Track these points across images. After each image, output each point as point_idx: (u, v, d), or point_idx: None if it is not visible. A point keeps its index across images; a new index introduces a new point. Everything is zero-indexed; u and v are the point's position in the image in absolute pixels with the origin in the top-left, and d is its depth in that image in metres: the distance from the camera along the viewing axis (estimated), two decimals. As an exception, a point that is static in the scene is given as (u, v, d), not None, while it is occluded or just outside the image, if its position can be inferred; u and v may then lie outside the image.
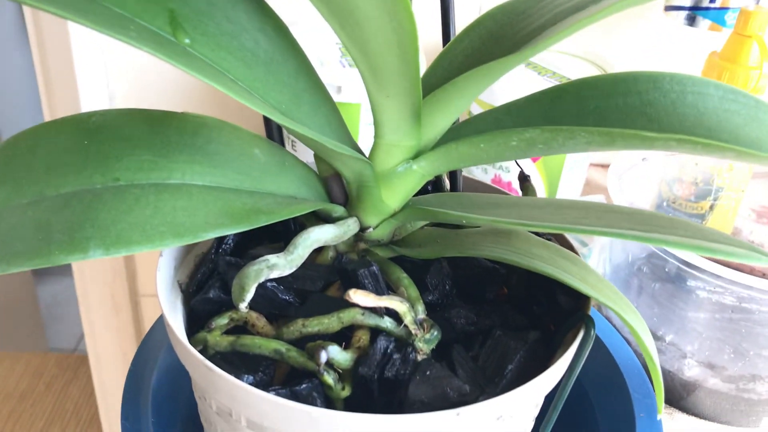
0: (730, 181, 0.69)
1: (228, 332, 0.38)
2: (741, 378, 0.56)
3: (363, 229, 0.40)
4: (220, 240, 0.41)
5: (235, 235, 0.41)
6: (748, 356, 0.56)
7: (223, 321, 0.38)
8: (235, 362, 0.36)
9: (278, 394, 0.34)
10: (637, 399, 0.47)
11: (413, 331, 0.35)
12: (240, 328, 0.38)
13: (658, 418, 0.38)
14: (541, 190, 0.75)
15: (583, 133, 0.34)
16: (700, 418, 0.59)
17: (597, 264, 0.71)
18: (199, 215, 0.34)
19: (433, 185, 0.47)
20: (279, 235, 0.44)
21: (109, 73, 0.91)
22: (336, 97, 0.68)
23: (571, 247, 0.42)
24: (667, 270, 0.59)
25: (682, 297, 0.58)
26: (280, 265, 0.36)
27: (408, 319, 0.35)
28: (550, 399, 0.38)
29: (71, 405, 1.66)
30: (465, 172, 0.81)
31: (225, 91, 0.31)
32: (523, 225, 0.35)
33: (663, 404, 0.37)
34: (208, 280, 0.39)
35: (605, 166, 0.92)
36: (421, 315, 0.37)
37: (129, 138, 0.36)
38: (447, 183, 0.47)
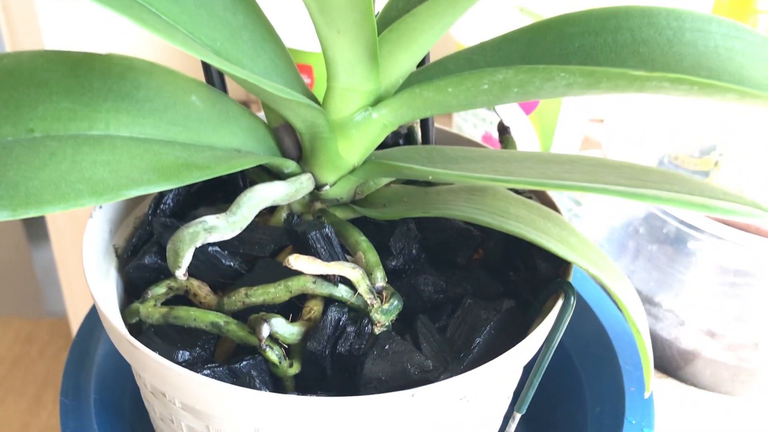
0: (736, 135, 0.64)
1: (168, 302, 0.34)
2: (742, 346, 0.52)
3: (319, 186, 0.35)
4: (159, 199, 0.36)
5: (178, 194, 0.37)
6: (749, 323, 0.52)
7: (160, 290, 0.34)
8: (172, 337, 0.32)
9: (213, 374, 0.30)
10: (628, 371, 0.43)
11: (369, 301, 0.31)
12: (183, 299, 0.34)
13: (646, 396, 0.34)
14: (535, 147, 0.70)
15: (563, 73, 0.29)
16: (699, 388, 0.55)
17: (591, 225, 0.66)
18: (122, 170, 0.30)
19: (405, 138, 0.42)
20: (232, 196, 0.40)
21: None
22: (314, 44, 0.63)
23: (553, 206, 0.38)
24: (665, 231, 0.54)
25: (681, 260, 0.54)
26: (220, 227, 0.32)
27: (362, 288, 0.31)
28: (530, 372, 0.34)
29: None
30: (455, 129, 0.77)
31: (141, 26, 0.27)
32: (495, 180, 0.31)
33: (651, 381, 0.33)
34: (144, 244, 0.35)
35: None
36: (381, 283, 0.32)
37: (45, 83, 0.31)
38: (419, 135, 0.42)
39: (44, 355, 1.65)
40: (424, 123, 0.40)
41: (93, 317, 0.44)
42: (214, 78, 0.35)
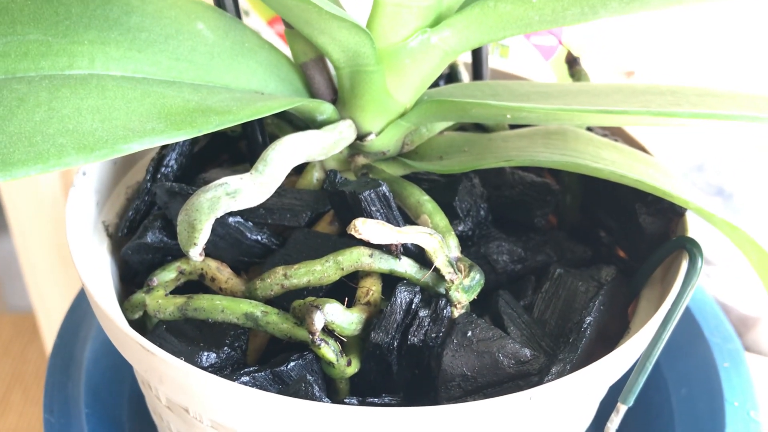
0: None
1: (178, 291, 0.27)
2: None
3: (361, 136, 0.28)
4: (159, 161, 0.29)
5: (180, 154, 0.30)
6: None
7: (169, 275, 0.27)
8: (190, 334, 0.25)
9: (253, 381, 0.23)
10: (717, 345, 0.36)
11: (448, 277, 0.24)
12: (195, 285, 0.27)
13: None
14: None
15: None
16: (764, 355, 0.50)
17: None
18: (116, 119, 0.22)
19: (447, 80, 0.35)
20: (242, 156, 0.33)
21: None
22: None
23: (644, 150, 0.31)
24: (721, 184, 0.48)
25: (738, 214, 0.48)
26: (246, 190, 0.25)
27: (440, 260, 0.24)
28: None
29: (32, 368, 1.55)
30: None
31: None
32: (605, 113, 0.24)
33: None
34: (143, 218, 0.28)
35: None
36: (455, 252, 0.26)
37: (6, 9, 0.24)
38: (465, 76, 0.35)
39: (9, 353, 1.56)
40: (477, 57, 0.33)
41: (75, 314, 0.37)
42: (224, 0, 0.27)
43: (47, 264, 0.93)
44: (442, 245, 0.24)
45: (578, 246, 0.29)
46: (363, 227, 0.21)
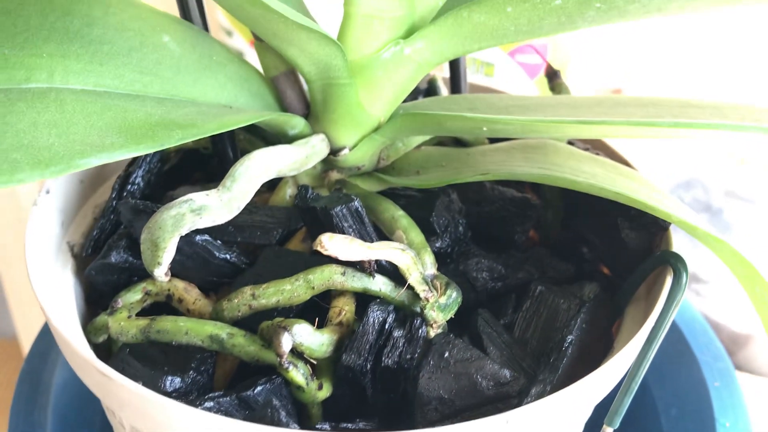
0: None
1: (144, 313, 0.26)
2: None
3: (334, 151, 0.27)
4: (125, 178, 0.28)
5: (148, 172, 0.29)
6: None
7: (134, 297, 0.25)
8: (155, 358, 0.24)
9: (218, 406, 0.21)
10: (707, 363, 0.35)
11: (423, 295, 0.23)
12: (162, 307, 0.26)
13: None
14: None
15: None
16: (756, 374, 0.49)
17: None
18: (74, 133, 0.21)
19: (426, 94, 0.34)
20: (214, 174, 0.32)
21: None
22: None
23: (627, 163, 0.31)
24: (709, 201, 0.47)
25: (727, 230, 0.47)
26: (212, 206, 0.24)
27: (414, 277, 0.23)
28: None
29: (19, 395, 1.52)
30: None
31: None
32: (585, 124, 0.23)
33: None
34: (109, 237, 0.27)
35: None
36: (431, 270, 0.25)
37: (-39, 22, 0.23)
38: (443, 90, 0.34)
39: (-5, 381, 1.54)
40: (455, 70, 0.32)
41: (45, 337, 0.35)
42: (191, 12, 0.27)
43: (31, 290, 0.91)
44: (415, 262, 0.23)
45: (560, 263, 0.28)
46: (329, 243, 0.20)
